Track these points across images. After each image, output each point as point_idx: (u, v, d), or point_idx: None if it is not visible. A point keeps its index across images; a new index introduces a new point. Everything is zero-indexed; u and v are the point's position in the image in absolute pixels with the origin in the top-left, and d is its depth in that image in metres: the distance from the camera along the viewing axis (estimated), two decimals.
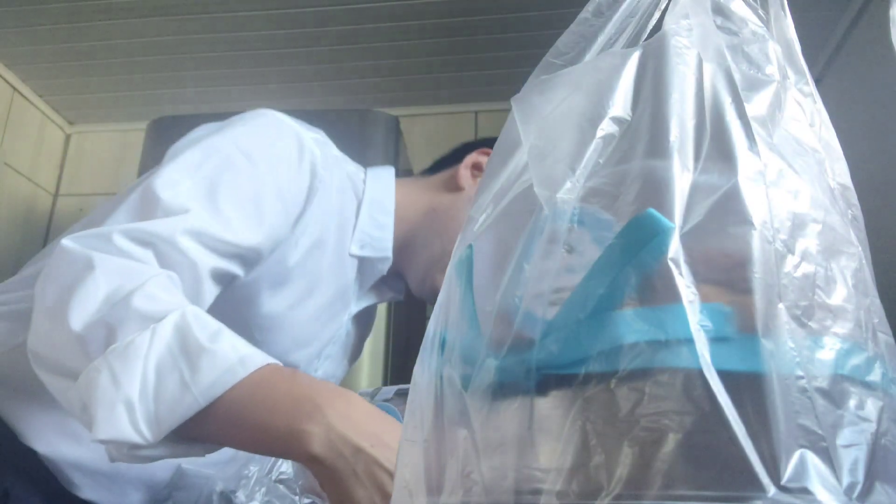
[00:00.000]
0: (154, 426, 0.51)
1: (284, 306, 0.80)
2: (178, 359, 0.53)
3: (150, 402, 0.51)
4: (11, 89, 2.15)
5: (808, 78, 0.49)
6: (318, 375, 0.91)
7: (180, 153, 0.74)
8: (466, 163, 0.94)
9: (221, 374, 0.53)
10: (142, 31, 1.75)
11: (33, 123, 2.31)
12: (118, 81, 1.98)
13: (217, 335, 0.55)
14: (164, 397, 0.52)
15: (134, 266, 0.61)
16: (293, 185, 0.77)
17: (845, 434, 0.33)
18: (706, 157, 0.40)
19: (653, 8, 0.51)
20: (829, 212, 0.41)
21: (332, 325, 0.90)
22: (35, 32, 1.82)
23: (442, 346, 0.43)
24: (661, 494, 0.31)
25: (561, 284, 0.38)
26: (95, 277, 0.57)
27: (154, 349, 0.53)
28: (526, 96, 0.49)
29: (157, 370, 0.52)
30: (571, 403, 0.35)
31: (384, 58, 1.14)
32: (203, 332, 0.54)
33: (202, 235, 0.66)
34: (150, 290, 0.58)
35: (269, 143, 0.78)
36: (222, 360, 0.53)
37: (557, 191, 0.41)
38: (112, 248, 0.61)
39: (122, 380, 0.51)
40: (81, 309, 0.55)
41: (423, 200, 0.94)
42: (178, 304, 0.58)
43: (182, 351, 0.53)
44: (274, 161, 0.76)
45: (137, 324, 0.54)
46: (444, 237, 0.91)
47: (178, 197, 0.67)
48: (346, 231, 0.87)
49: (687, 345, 0.34)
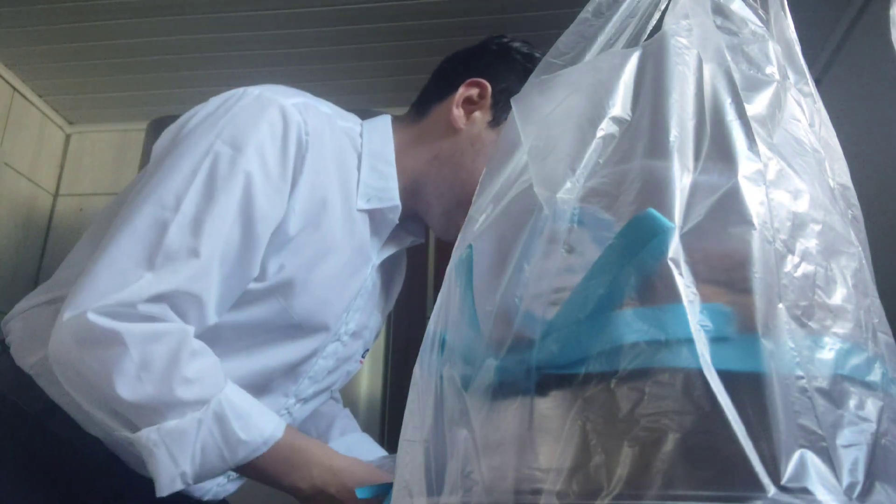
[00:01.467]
0: (197, 480, 0.72)
1: (301, 271, 0.82)
2: (220, 444, 0.73)
3: (198, 468, 0.72)
4: (11, 89, 2.15)
5: (808, 78, 0.49)
6: (350, 328, 0.93)
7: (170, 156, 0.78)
8: (457, 102, 0.92)
9: (250, 453, 0.74)
10: (142, 31, 1.75)
11: (33, 123, 2.31)
12: (118, 81, 1.98)
13: (247, 423, 0.74)
14: (207, 466, 0.73)
15: (157, 329, 0.72)
16: (282, 161, 0.79)
17: (845, 434, 0.33)
18: (706, 157, 0.40)
19: (653, 8, 0.51)
20: (829, 212, 0.41)
21: (356, 281, 0.91)
22: (35, 32, 1.81)
23: (442, 346, 0.43)
24: (661, 494, 0.31)
25: (561, 284, 0.38)
26: (129, 352, 0.70)
27: (200, 435, 0.72)
28: (526, 96, 0.49)
29: (202, 451, 0.72)
30: (571, 403, 0.35)
31: (383, 58, 1.15)
32: (237, 421, 0.73)
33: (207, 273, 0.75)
34: (187, 372, 0.72)
35: (252, 126, 0.79)
36: (252, 445, 0.74)
37: (557, 191, 0.41)
38: (136, 315, 0.71)
39: (179, 459, 0.71)
40: (125, 382, 0.70)
41: (424, 149, 0.93)
42: (213, 388, 0.73)
43: (223, 439, 0.73)
44: (259, 143, 0.78)
45: (182, 409, 0.71)
46: (456, 184, 0.91)
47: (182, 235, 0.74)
48: (351, 188, 0.88)
49: (687, 345, 0.34)
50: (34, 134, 2.34)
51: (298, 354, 0.88)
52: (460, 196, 0.90)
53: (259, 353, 0.85)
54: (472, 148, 0.90)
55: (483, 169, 0.86)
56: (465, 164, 0.90)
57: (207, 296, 0.75)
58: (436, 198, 0.92)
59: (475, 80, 0.92)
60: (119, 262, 0.73)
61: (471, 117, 0.91)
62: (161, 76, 1.91)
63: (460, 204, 0.89)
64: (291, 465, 0.77)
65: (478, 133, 0.91)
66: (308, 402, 0.96)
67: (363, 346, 1.00)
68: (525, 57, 0.94)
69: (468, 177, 0.90)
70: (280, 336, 0.85)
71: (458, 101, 0.91)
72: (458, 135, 0.91)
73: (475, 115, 0.91)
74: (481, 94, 0.91)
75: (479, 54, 0.96)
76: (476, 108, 0.91)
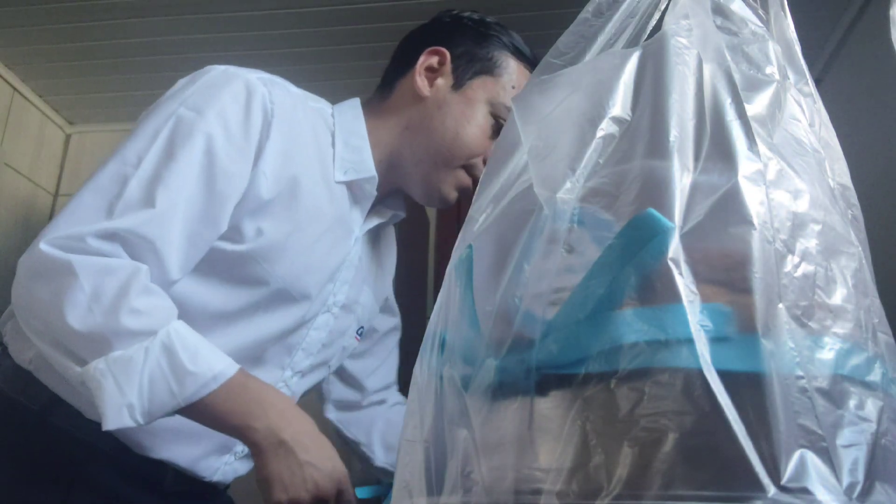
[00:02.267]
0: (146, 417, 0.71)
1: (280, 236, 0.84)
2: (168, 377, 0.71)
3: (146, 402, 0.71)
4: (11, 89, 2.15)
5: (808, 78, 0.49)
6: (339, 300, 0.96)
7: (139, 125, 0.83)
8: (419, 70, 0.97)
9: (199, 388, 0.72)
10: (142, 31, 1.75)
11: (33, 123, 2.31)
12: (118, 81, 1.98)
13: (195, 356, 0.73)
14: (156, 401, 0.71)
15: (109, 263, 0.73)
16: (245, 125, 0.82)
17: (845, 434, 0.33)
18: (706, 157, 0.40)
19: (653, 8, 0.51)
20: (829, 212, 0.41)
21: (338, 251, 0.94)
22: (35, 32, 1.81)
23: (442, 346, 0.43)
24: (661, 494, 0.31)
25: (561, 284, 0.38)
26: (80, 282, 0.72)
27: (148, 366, 0.71)
28: (526, 96, 0.49)
29: (150, 382, 0.71)
30: (571, 403, 0.35)
31: (383, 58, 1.15)
32: (185, 353, 0.72)
33: (163, 223, 0.77)
34: (135, 303, 0.72)
35: (215, 93, 0.83)
36: (201, 378, 0.72)
37: (557, 191, 0.41)
38: (87, 248, 0.73)
39: (125, 389, 0.70)
40: (76, 311, 0.71)
41: (393, 121, 0.97)
42: (161, 321, 0.73)
43: (171, 370, 0.71)
44: (220, 108, 0.82)
45: (129, 339, 0.71)
46: (430, 148, 0.95)
47: (140, 187, 0.77)
48: (327, 162, 0.92)
49: (687, 345, 0.34)
50: (34, 134, 2.34)
51: (286, 323, 0.89)
52: (436, 158, 0.94)
53: (248, 323, 0.86)
54: (440, 112, 0.95)
55: (455, 129, 0.93)
56: (436, 127, 0.95)
57: (164, 245, 0.76)
58: (413, 165, 0.96)
59: (434, 49, 0.97)
60: (79, 211, 0.76)
61: (434, 84, 0.96)
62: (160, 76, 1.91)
63: (436, 166, 0.95)
64: (245, 404, 0.74)
65: (443, 97, 0.96)
66: (305, 375, 0.97)
67: (356, 322, 1.02)
68: (476, 23, 1.00)
69: (440, 139, 0.94)
70: (266, 304, 0.87)
71: (420, 69, 0.96)
72: (425, 102, 0.96)
73: (438, 82, 0.96)
74: (441, 61, 0.96)
75: (434, 27, 1.02)
76: (437, 75, 0.96)
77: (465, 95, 0.96)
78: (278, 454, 0.73)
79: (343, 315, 0.98)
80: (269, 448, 0.73)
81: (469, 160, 0.95)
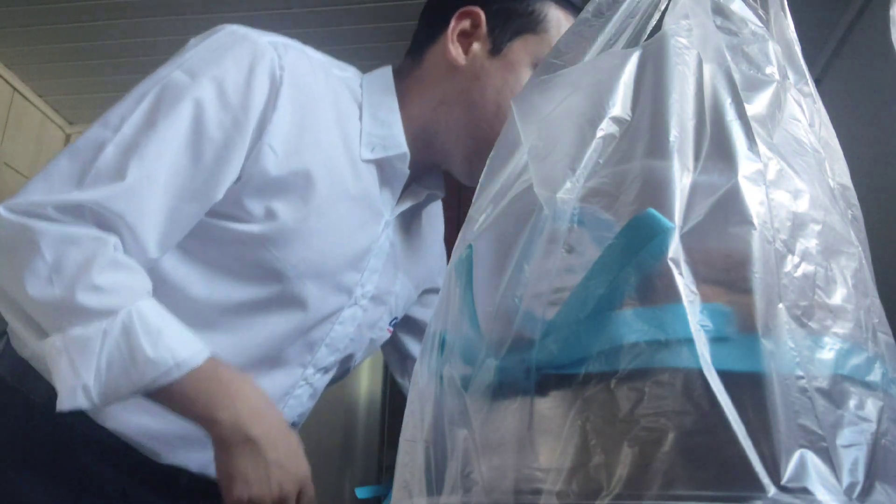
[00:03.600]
0: (102, 400, 0.66)
1: (295, 220, 0.77)
2: (127, 361, 0.66)
3: (102, 385, 0.66)
4: (11, 89, 2.15)
5: (808, 78, 0.49)
6: (367, 291, 0.87)
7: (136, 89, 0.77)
8: (451, 37, 0.85)
9: (160, 375, 0.67)
10: (142, 31, 1.75)
11: (33, 123, 2.31)
12: (118, 81, 1.98)
13: (158, 341, 0.67)
14: (113, 384, 0.66)
15: (72, 232, 0.69)
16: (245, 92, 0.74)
17: (845, 434, 0.33)
18: (706, 157, 0.40)
19: (653, 8, 0.51)
20: (829, 212, 0.41)
21: (363, 236, 0.85)
22: (35, 32, 1.82)
23: (442, 346, 0.43)
24: (661, 494, 0.31)
25: (561, 284, 0.38)
26: (41, 251, 0.67)
27: (106, 347, 0.66)
28: (526, 96, 0.49)
29: (108, 364, 0.66)
30: (571, 403, 0.35)
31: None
32: (146, 337, 0.67)
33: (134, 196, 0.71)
34: (96, 279, 0.67)
35: (217, 56, 0.76)
36: (162, 365, 0.67)
37: (557, 191, 0.41)
38: (49, 218, 0.69)
39: (81, 370, 0.66)
40: (35, 281, 0.67)
41: (428, 94, 0.87)
42: (122, 299, 0.68)
43: (130, 355, 0.66)
44: (219, 72, 0.75)
45: (87, 317, 0.67)
46: (470, 125, 0.85)
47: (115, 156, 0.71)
48: (353, 138, 0.82)
49: (687, 345, 0.34)
50: (34, 134, 2.34)
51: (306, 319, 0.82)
52: (477, 135, 0.84)
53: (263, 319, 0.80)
54: (479, 82, 0.84)
55: (496, 101, 0.82)
56: (475, 100, 0.84)
57: (136, 220, 0.71)
58: (453, 144, 0.86)
59: (465, 10, 0.85)
60: (51, 177, 0.71)
61: (469, 51, 0.85)
62: None
63: (479, 143, 0.84)
64: (212, 395, 0.68)
65: (480, 66, 0.84)
66: (329, 371, 0.89)
67: (389, 314, 0.93)
68: None
69: (481, 114, 0.84)
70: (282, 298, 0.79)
71: (452, 36, 0.85)
72: (460, 72, 0.85)
73: (473, 48, 0.85)
74: (475, 24, 0.85)
75: None
76: (472, 40, 0.85)
77: (506, 60, 0.84)
78: (244, 451, 0.68)
79: (373, 307, 0.89)
80: (235, 443, 0.68)
81: None
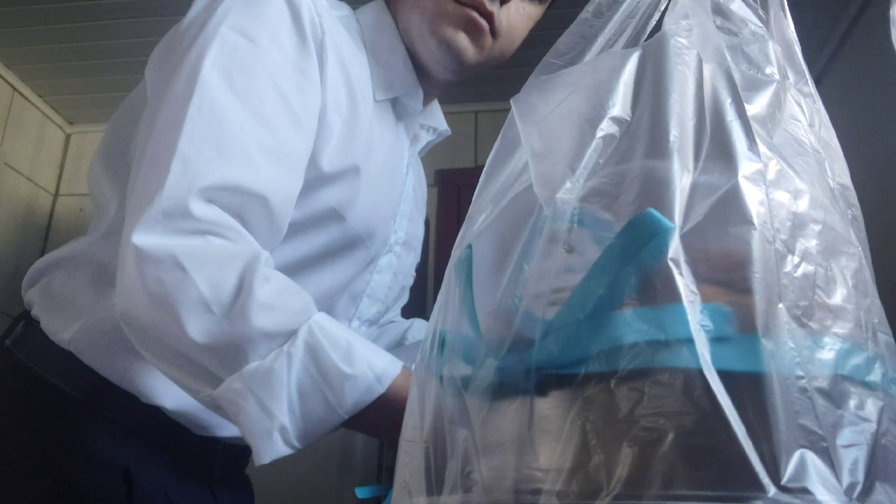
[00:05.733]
0: (303, 439, 0.57)
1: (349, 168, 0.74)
2: (320, 384, 0.57)
3: (300, 421, 0.57)
4: (11, 89, 2.15)
5: (808, 78, 0.49)
6: (400, 237, 0.86)
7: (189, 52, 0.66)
8: None
9: (362, 394, 0.57)
10: (142, 31, 1.75)
11: (33, 123, 2.31)
12: (118, 81, 1.98)
13: (349, 354, 0.58)
14: (312, 417, 0.57)
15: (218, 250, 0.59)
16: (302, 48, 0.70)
17: (845, 434, 0.33)
18: (706, 157, 0.40)
19: (653, 8, 0.51)
20: (829, 212, 0.41)
21: (398, 180, 0.84)
22: (35, 32, 1.82)
23: (442, 346, 0.43)
24: (661, 494, 0.31)
25: (561, 284, 0.38)
26: (192, 280, 0.57)
27: (294, 375, 0.56)
28: (526, 96, 0.49)
29: (299, 393, 0.57)
30: (571, 403, 0.35)
31: None
32: (336, 352, 0.58)
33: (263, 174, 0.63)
34: (262, 296, 0.57)
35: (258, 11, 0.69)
36: (362, 381, 0.57)
37: (557, 191, 0.41)
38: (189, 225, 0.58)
39: (273, 408, 0.56)
40: (195, 318, 0.57)
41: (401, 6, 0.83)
42: (298, 315, 0.59)
43: (321, 376, 0.57)
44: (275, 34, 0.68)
45: (264, 344, 0.57)
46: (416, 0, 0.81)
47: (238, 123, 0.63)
48: (367, 79, 0.80)
49: (687, 345, 0.34)
50: (34, 134, 2.34)
51: (353, 269, 0.80)
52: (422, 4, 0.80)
53: (319, 273, 0.76)
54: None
55: None
56: None
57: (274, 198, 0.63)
58: (410, 29, 0.82)
59: None
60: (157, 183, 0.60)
61: None
62: None
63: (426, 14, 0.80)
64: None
65: None
66: (373, 324, 0.88)
67: (415, 258, 0.93)
68: None
69: None
70: (337, 248, 0.77)
71: None
72: None
73: None
74: None
75: None
76: None
77: None
78: None
79: (405, 253, 0.88)
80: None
81: None
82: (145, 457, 0.73)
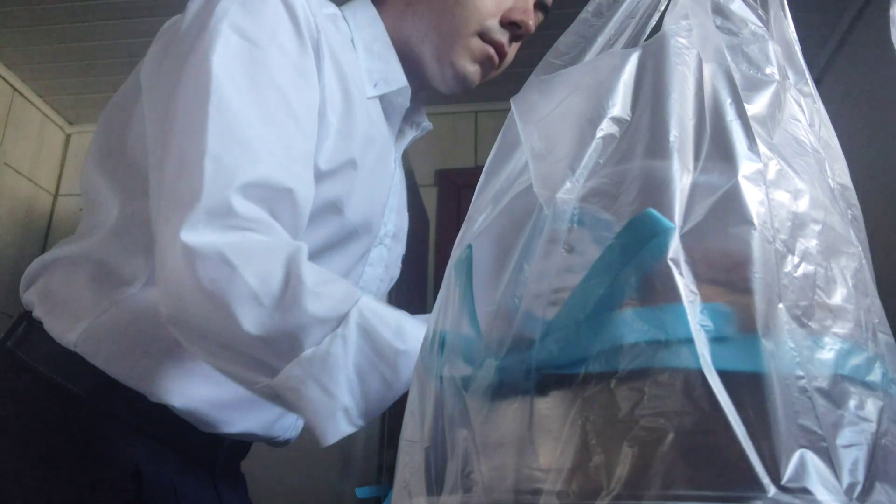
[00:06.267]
0: (366, 417, 0.60)
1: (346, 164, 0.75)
2: (376, 362, 0.59)
3: (360, 401, 0.59)
4: (11, 89, 2.15)
5: (808, 78, 0.49)
6: (389, 230, 0.88)
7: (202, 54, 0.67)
8: None
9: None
10: (142, 31, 1.75)
11: (33, 123, 2.31)
12: (118, 81, 1.98)
13: (399, 331, 0.61)
14: (371, 396, 0.59)
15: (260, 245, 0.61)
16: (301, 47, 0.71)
17: (845, 434, 0.33)
18: (706, 157, 0.40)
19: (653, 8, 0.51)
20: (829, 212, 0.41)
21: (387, 174, 0.86)
22: (35, 32, 1.82)
23: (442, 346, 0.43)
24: (661, 494, 0.31)
25: (561, 284, 0.38)
26: (240, 274, 0.59)
27: (350, 356, 0.59)
28: (526, 96, 0.49)
29: (358, 373, 0.59)
30: (571, 403, 0.35)
31: None
32: (387, 330, 0.60)
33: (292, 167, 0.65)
34: (311, 285, 0.59)
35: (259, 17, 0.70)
36: (415, 356, 0.60)
37: (557, 191, 0.41)
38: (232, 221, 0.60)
39: (334, 390, 0.58)
40: (248, 312, 0.58)
41: (398, 8, 0.85)
42: (346, 299, 0.61)
43: (377, 354, 0.60)
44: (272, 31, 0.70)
45: (319, 330, 0.59)
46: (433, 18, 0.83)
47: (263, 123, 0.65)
48: (356, 76, 0.80)
49: (687, 345, 0.34)
50: (34, 134, 2.35)
51: (349, 262, 0.81)
52: (441, 29, 0.82)
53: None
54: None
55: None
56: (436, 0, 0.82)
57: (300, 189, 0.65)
58: (420, 43, 0.84)
59: None
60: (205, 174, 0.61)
61: None
62: None
63: (444, 38, 0.82)
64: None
65: None
66: None
67: (401, 250, 0.95)
68: None
69: (441, 4, 0.82)
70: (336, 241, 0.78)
71: None
72: None
73: None
74: None
75: None
76: None
77: None
78: None
79: (394, 245, 0.90)
80: None
81: (482, 25, 0.81)
82: (153, 455, 0.73)
